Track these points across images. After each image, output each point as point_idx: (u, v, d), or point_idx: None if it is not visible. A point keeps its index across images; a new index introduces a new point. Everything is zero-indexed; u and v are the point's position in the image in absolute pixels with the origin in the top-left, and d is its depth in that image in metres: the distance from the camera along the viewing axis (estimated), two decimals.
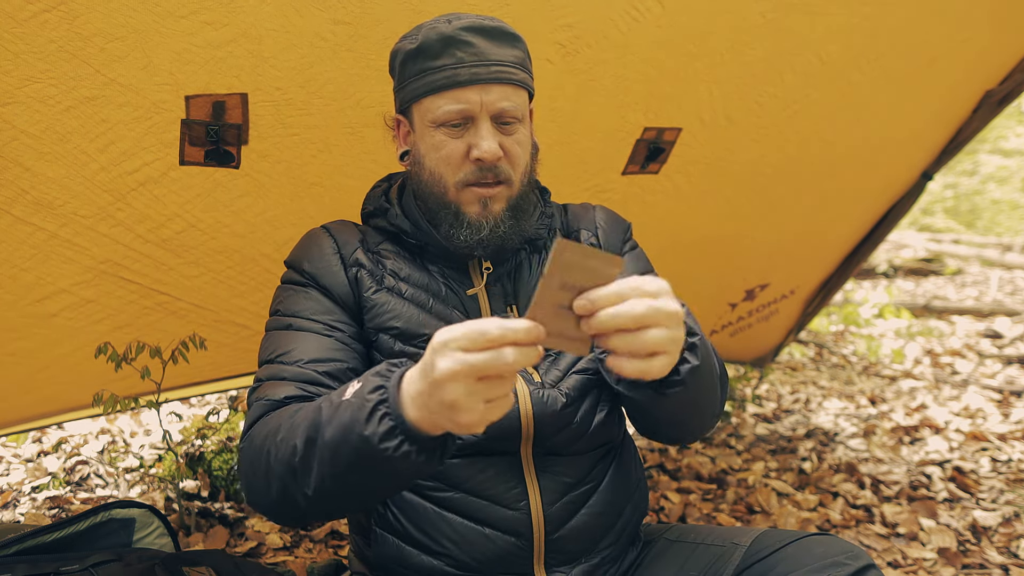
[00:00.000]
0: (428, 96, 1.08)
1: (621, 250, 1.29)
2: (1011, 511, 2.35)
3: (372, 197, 1.26)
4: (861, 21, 1.83)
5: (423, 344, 1.08)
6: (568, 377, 1.14)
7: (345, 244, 1.18)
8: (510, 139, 1.10)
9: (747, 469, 2.77)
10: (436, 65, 1.06)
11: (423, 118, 1.10)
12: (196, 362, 1.84)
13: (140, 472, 2.44)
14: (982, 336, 4.99)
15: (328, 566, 1.82)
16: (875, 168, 2.45)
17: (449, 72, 1.06)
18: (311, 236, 1.22)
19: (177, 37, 1.29)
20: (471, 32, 1.06)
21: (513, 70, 1.09)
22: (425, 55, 1.07)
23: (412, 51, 1.08)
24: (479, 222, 1.10)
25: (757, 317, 3.03)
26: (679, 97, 1.87)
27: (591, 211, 1.32)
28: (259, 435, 0.97)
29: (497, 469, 1.10)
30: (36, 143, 1.33)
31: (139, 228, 1.57)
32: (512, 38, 1.11)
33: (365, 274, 1.15)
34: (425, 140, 1.11)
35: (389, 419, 0.79)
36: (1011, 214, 9.16)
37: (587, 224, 1.29)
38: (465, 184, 1.09)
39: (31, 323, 1.63)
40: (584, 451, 1.15)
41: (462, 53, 1.06)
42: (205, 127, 1.44)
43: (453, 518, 1.09)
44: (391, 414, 0.80)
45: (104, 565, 1.36)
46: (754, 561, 1.09)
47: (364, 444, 0.80)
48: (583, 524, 1.13)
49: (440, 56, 1.06)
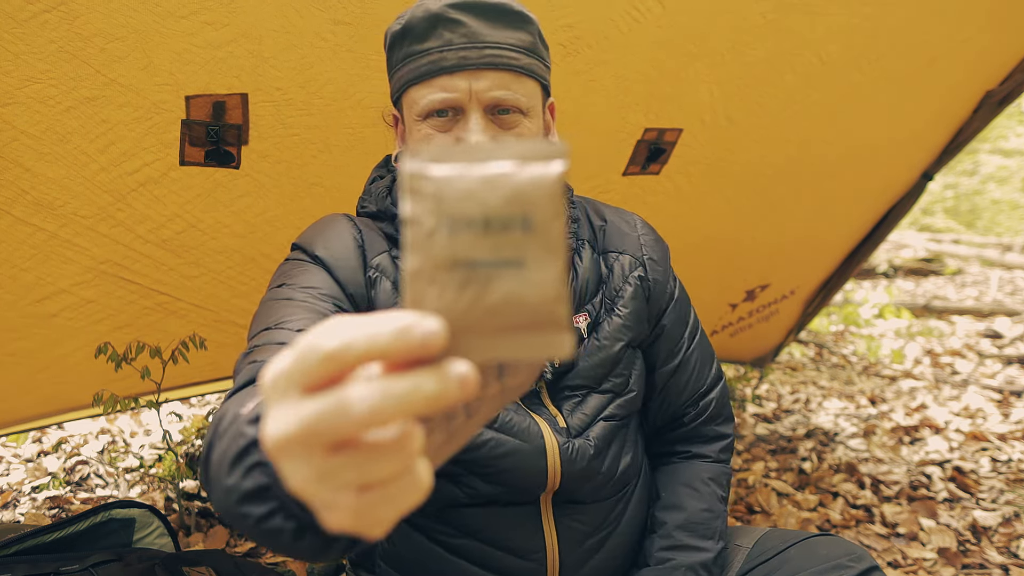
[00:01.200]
0: (414, 85, 0.94)
1: (663, 300, 1.14)
2: (1011, 511, 2.35)
3: (374, 195, 1.10)
4: (862, 21, 1.83)
5: None
6: (595, 424, 1.05)
7: (372, 243, 1.04)
8: (510, 133, 0.94)
9: (747, 469, 2.77)
10: (421, 49, 0.92)
11: (410, 110, 0.96)
12: (196, 362, 1.84)
13: (140, 472, 2.44)
14: (982, 336, 4.99)
15: (328, 566, 1.82)
16: (875, 168, 2.45)
17: (435, 56, 0.91)
18: (330, 220, 1.06)
19: (177, 37, 1.29)
20: (461, 9, 0.91)
21: (514, 54, 0.93)
22: (410, 37, 0.93)
23: (398, 33, 0.94)
24: None
25: (757, 317, 3.03)
26: (680, 98, 1.87)
27: (635, 226, 1.15)
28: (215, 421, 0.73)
29: (515, 520, 1.03)
30: (36, 144, 1.33)
31: (139, 228, 1.57)
32: (517, 17, 0.94)
33: (388, 285, 1.00)
34: (413, 135, 0.96)
35: (261, 474, 0.53)
36: (1011, 214, 9.16)
37: (631, 249, 1.12)
38: None
39: (31, 323, 1.63)
40: (607, 497, 1.09)
41: (450, 34, 0.91)
42: (205, 127, 1.44)
43: (464, 564, 1.04)
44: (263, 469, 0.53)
45: (104, 565, 1.36)
46: (757, 563, 1.09)
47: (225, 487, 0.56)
48: (598, 567, 1.08)
49: (426, 38, 0.92)
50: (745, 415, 3.40)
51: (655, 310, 1.14)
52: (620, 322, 1.08)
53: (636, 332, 1.10)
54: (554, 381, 1.06)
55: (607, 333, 1.07)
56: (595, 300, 1.09)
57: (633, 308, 1.09)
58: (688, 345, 1.17)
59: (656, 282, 1.13)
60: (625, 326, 1.08)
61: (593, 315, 1.08)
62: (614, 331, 1.07)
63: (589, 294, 1.09)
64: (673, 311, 1.15)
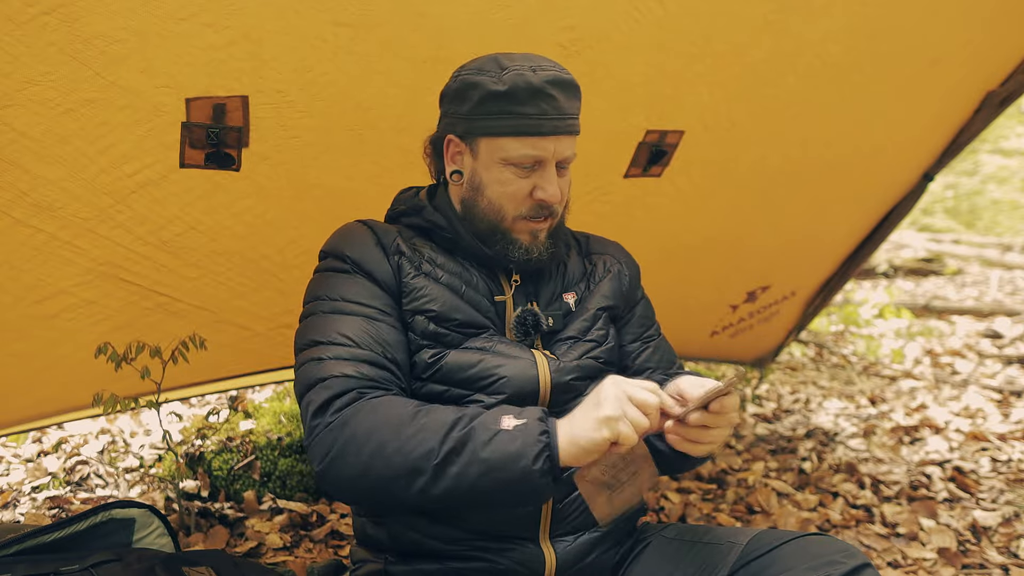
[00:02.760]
0: (507, 137, 1.17)
1: (636, 295, 1.42)
2: (1011, 511, 2.35)
3: (403, 200, 1.34)
4: (862, 23, 1.82)
5: (455, 327, 1.20)
6: (583, 359, 1.25)
7: (385, 234, 1.25)
8: (563, 180, 1.23)
9: (747, 469, 2.77)
10: (521, 111, 1.15)
11: (493, 153, 1.19)
12: (196, 362, 1.84)
13: (140, 472, 2.44)
14: (982, 336, 4.99)
15: (328, 566, 1.82)
16: (876, 169, 2.45)
17: (534, 121, 1.15)
18: (349, 227, 1.28)
19: (177, 39, 1.29)
20: (554, 86, 1.15)
21: (576, 122, 1.20)
22: (511, 99, 1.15)
23: (499, 92, 1.15)
24: (530, 247, 1.23)
25: (758, 318, 3.03)
26: (681, 99, 1.87)
27: (615, 245, 1.46)
28: (363, 420, 1.05)
29: None
30: (36, 145, 1.33)
31: (139, 230, 1.57)
32: (578, 91, 1.20)
33: (405, 261, 1.23)
34: (491, 172, 1.20)
35: (548, 459, 0.98)
36: (1011, 214, 9.15)
37: (614, 252, 1.43)
38: (522, 218, 1.21)
39: (31, 324, 1.63)
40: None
41: (547, 106, 1.15)
42: (206, 129, 1.44)
43: None
44: (551, 456, 0.98)
45: (104, 565, 1.36)
46: (751, 559, 1.12)
47: (524, 474, 0.98)
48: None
49: (526, 104, 1.14)
50: (745, 415, 3.40)
51: (630, 298, 1.40)
52: (600, 294, 1.33)
53: (613, 303, 1.34)
54: (548, 336, 1.27)
55: (590, 304, 1.31)
56: (580, 284, 1.34)
57: (611, 288, 1.35)
58: (656, 335, 1.41)
59: (631, 278, 1.40)
60: (604, 297, 1.33)
61: (579, 294, 1.33)
62: (596, 301, 1.32)
63: (576, 280, 1.35)
64: (642, 307, 1.42)
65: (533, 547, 1.18)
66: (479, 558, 1.17)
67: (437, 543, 1.18)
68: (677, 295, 2.52)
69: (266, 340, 2.03)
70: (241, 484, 2.28)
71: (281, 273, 1.84)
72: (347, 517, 2.22)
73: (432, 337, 1.19)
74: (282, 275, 1.84)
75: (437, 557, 1.18)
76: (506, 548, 1.17)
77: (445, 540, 1.17)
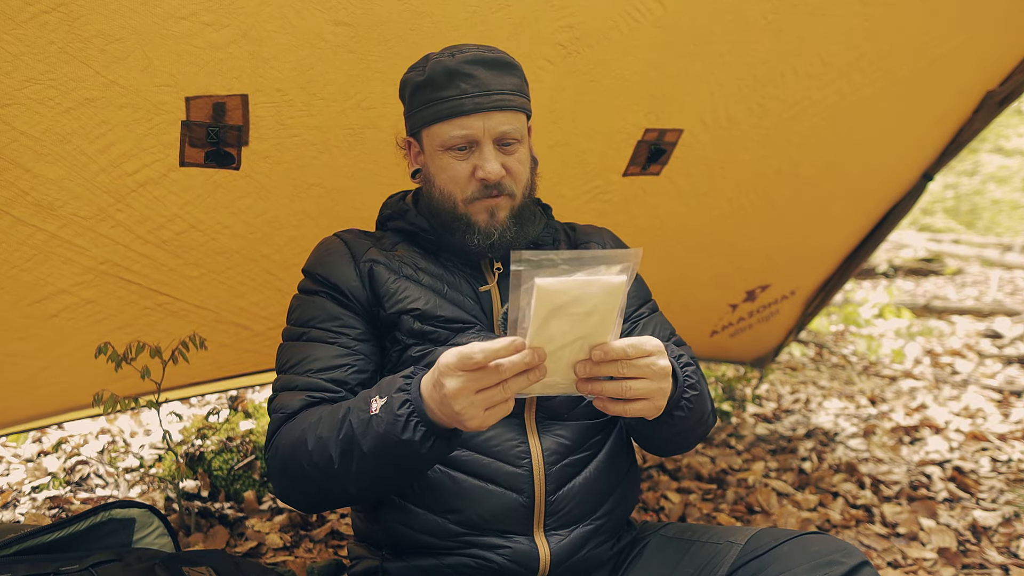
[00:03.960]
0: (436, 123, 1.20)
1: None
2: (1011, 511, 2.35)
3: (390, 204, 1.38)
4: (862, 22, 1.82)
5: (441, 324, 1.22)
6: None
7: (356, 243, 1.29)
8: (511, 158, 1.22)
9: (747, 469, 2.77)
10: (441, 95, 1.18)
11: (432, 142, 1.22)
12: (196, 362, 1.84)
13: (140, 472, 2.44)
14: (982, 336, 4.99)
15: (328, 566, 1.82)
16: (876, 169, 2.45)
17: (455, 102, 1.18)
18: (323, 243, 1.33)
19: (177, 38, 1.29)
20: (473, 64, 1.18)
21: (512, 97, 1.21)
22: (432, 86, 1.19)
23: (420, 82, 1.20)
24: (489, 229, 1.23)
25: (758, 318, 3.03)
26: (680, 98, 1.87)
27: (602, 231, 1.45)
28: (284, 446, 1.12)
29: (502, 429, 1.19)
30: (36, 144, 1.33)
31: (139, 229, 1.57)
32: (510, 67, 1.22)
33: (381, 268, 1.26)
34: (435, 161, 1.23)
35: (421, 425, 0.98)
36: (1011, 214, 9.15)
37: (600, 237, 1.42)
38: (472, 200, 1.22)
39: (31, 323, 1.63)
40: (581, 418, 1.24)
41: (466, 84, 1.17)
42: (205, 128, 1.44)
43: (459, 476, 1.17)
44: (422, 421, 0.98)
45: (104, 565, 1.36)
46: (750, 558, 1.12)
47: (403, 448, 0.99)
48: (580, 489, 1.21)
49: (445, 87, 1.18)
50: (745, 415, 3.40)
51: None
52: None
53: None
54: None
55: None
56: None
57: None
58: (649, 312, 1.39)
59: None
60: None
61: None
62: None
63: None
64: (633, 288, 1.38)
65: (527, 542, 1.18)
66: (473, 554, 1.17)
67: (431, 538, 1.18)
68: (676, 294, 2.52)
69: (266, 340, 2.03)
70: (241, 484, 2.28)
71: (281, 272, 1.84)
72: (346, 517, 2.22)
73: (419, 336, 1.21)
74: (282, 274, 1.84)
75: (432, 552, 1.18)
76: (500, 544, 1.17)
77: (439, 535, 1.17)
